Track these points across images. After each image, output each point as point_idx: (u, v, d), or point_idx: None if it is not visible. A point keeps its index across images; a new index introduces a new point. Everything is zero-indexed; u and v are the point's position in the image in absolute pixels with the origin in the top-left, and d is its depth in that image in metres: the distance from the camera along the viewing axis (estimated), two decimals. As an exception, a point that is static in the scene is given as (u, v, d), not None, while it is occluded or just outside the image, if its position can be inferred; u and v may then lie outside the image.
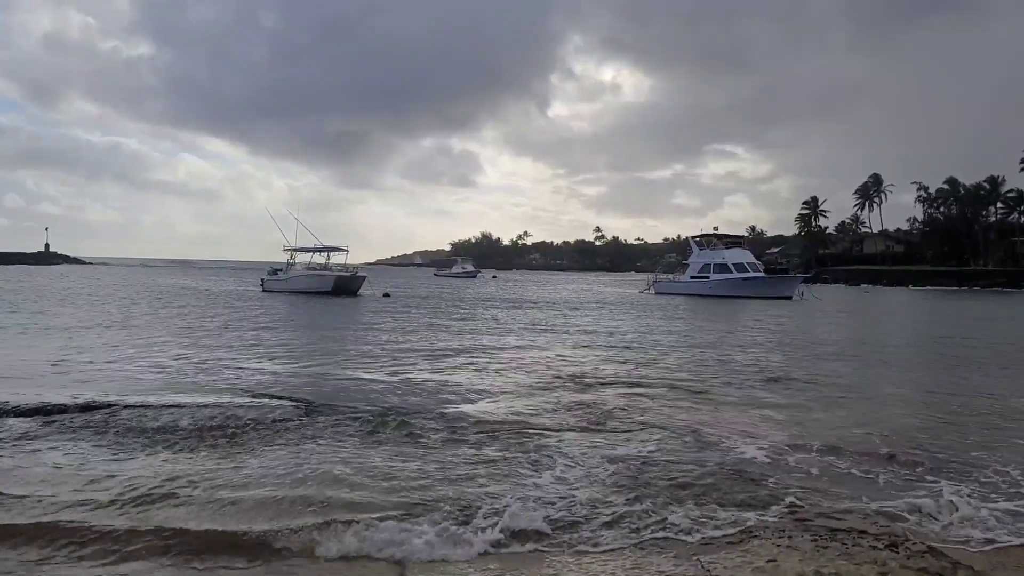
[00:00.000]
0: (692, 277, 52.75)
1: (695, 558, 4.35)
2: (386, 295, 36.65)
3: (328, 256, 41.31)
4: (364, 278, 38.92)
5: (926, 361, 15.42)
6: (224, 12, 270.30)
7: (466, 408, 8.81)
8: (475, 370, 12.29)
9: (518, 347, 16.03)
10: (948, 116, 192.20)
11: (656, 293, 52.93)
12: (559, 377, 11.58)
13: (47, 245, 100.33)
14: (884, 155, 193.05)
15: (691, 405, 9.39)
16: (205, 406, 8.35)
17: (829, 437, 7.56)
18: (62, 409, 7.95)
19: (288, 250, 41.79)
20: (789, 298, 44.77)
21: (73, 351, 13.26)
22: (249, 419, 7.74)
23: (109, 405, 8.23)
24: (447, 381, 10.95)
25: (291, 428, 7.46)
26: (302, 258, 42.18)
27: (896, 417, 8.79)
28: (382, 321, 22.65)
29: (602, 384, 10.95)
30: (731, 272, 48.95)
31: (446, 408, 8.77)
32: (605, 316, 27.90)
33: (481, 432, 7.48)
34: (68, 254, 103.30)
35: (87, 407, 8.10)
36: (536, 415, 8.51)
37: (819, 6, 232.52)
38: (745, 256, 50.50)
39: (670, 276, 58.12)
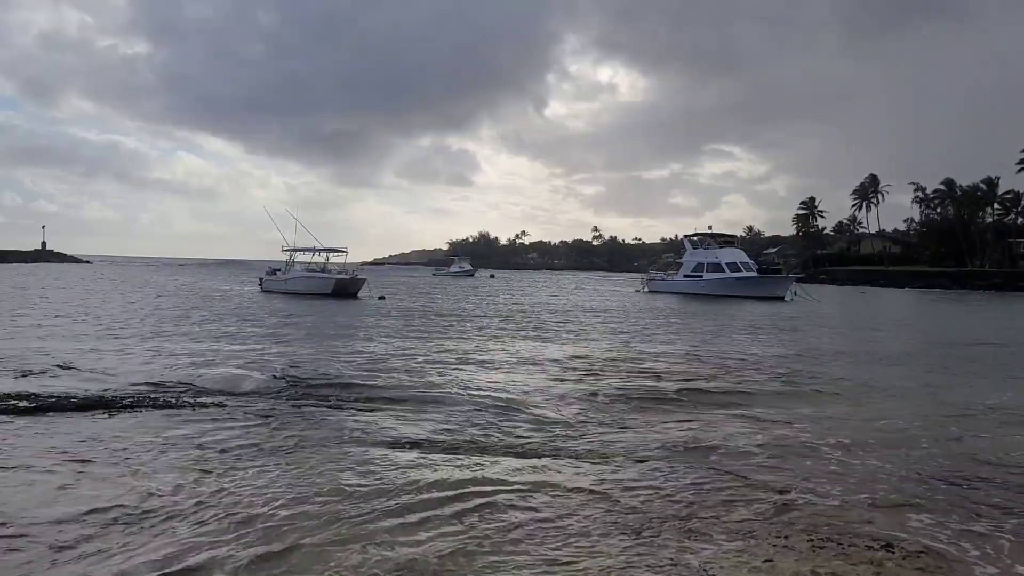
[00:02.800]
0: (685, 276, 52.92)
1: (692, 558, 4.37)
2: (381, 298, 36.33)
3: (327, 257, 41.10)
4: (364, 281, 38.65)
5: (929, 361, 15.44)
6: (221, 10, 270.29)
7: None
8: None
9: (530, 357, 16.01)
10: (944, 117, 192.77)
11: (649, 292, 53.36)
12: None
13: (44, 244, 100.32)
14: (881, 155, 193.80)
15: (690, 411, 9.42)
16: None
17: (827, 438, 7.61)
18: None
19: (287, 250, 41.60)
20: (782, 298, 44.82)
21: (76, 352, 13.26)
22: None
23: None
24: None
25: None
26: (301, 258, 41.97)
27: (900, 417, 8.82)
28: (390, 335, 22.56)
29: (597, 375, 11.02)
30: (724, 271, 49.00)
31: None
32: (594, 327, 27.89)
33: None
34: (65, 252, 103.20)
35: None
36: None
37: (811, 9, 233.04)
38: (738, 255, 50.57)
39: (664, 275, 58.43)
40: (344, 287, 37.10)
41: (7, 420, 7.42)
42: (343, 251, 40.87)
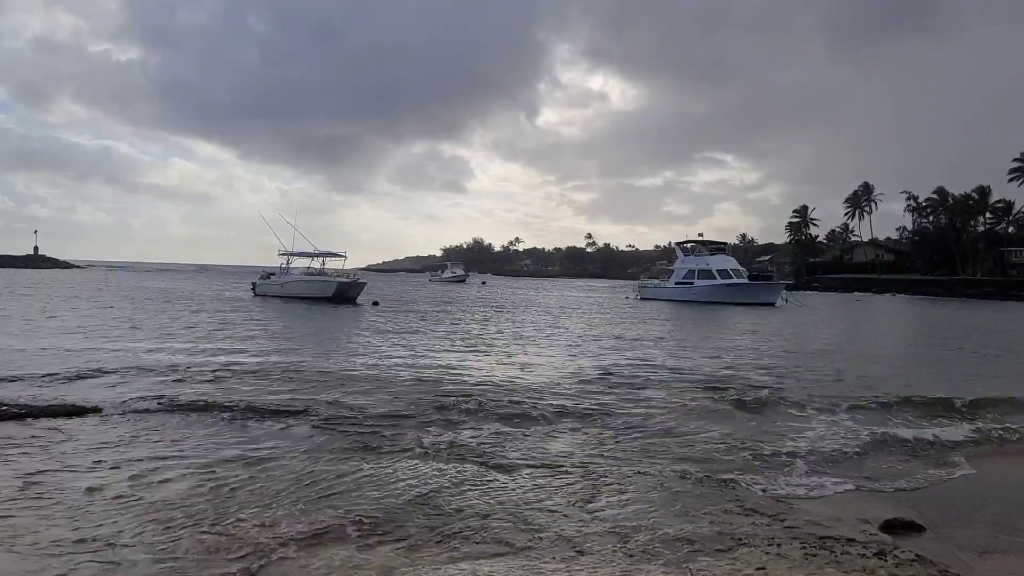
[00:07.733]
0: (677, 283, 53.06)
1: (685, 565, 4.33)
2: (375, 303, 36.09)
3: (323, 262, 40.64)
4: (364, 285, 38.25)
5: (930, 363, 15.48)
6: (214, 15, 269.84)
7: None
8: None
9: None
10: (938, 124, 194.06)
11: (641, 299, 53.46)
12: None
13: (36, 248, 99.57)
14: (874, 163, 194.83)
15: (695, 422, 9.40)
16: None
17: (826, 439, 7.59)
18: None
19: (284, 254, 41.15)
20: (772, 304, 44.95)
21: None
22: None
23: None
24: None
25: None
26: (298, 263, 41.45)
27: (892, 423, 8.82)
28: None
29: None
30: (715, 278, 49.15)
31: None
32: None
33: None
34: (57, 256, 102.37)
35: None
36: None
37: (800, 18, 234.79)
38: (729, 262, 50.79)
39: (656, 283, 58.62)
40: (346, 291, 36.55)
41: None
42: (342, 255, 40.26)
